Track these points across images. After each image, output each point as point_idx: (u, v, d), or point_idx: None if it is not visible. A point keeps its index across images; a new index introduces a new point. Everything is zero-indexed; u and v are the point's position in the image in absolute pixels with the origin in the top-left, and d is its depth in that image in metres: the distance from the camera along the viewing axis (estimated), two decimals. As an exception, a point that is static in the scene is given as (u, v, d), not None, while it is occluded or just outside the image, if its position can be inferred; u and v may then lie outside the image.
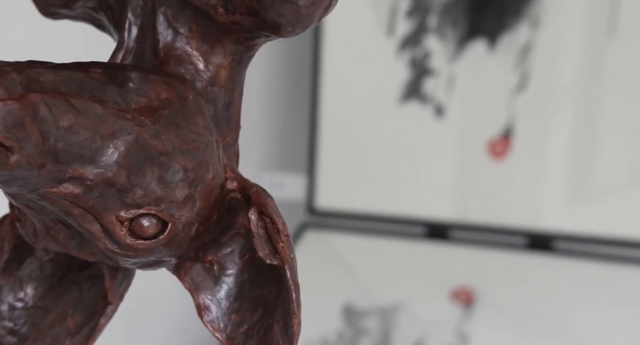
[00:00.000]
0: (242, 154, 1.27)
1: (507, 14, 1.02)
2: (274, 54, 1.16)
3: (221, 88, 0.34)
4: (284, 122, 1.18)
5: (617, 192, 0.99)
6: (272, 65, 1.17)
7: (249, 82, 1.17)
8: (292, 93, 1.17)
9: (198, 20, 0.33)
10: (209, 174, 0.32)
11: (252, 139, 1.18)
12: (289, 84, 1.17)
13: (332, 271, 1.09)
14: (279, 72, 1.17)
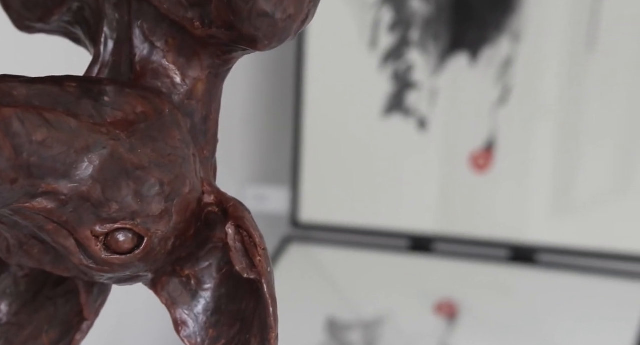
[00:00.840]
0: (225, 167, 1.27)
1: (488, 27, 1.03)
2: (257, 68, 1.16)
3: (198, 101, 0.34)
4: (268, 135, 1.18)
5: (600, 204, 1.00)
6: (255, 79, 1.17)
7: (233, 95, 1.17)
8: (275, 106, 1.17)
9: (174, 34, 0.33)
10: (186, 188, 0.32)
11: (236, 152, 1.17)
12: (272, 97, 1.17)
13: (316, 284, 1.09)
14: (262, 86, 1.17)
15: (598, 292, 0.99)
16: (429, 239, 1.06)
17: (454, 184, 1.05)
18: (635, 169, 0.98)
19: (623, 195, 0.99)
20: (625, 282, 0.99)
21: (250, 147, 1.18)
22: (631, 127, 0.98)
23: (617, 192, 0.99)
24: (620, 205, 0.99)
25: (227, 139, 1.17)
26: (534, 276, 1.01)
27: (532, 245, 1.02)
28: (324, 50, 1.08)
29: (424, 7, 1.05)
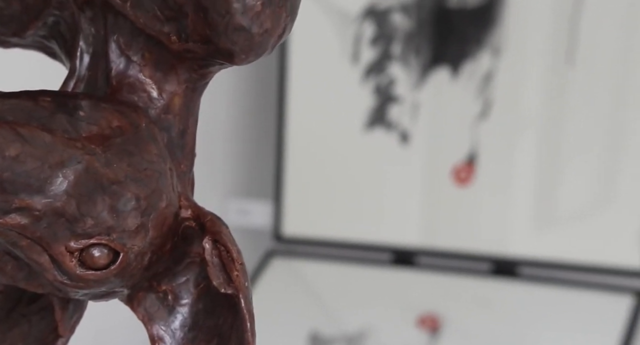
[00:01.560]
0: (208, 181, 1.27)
1: (469, 42, 1.03)
2: (239, 82, 1.16)
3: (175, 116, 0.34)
4: (250, 149, 1.18)
5: (581, 218, 1.00)
6: (237, 93, 1.17)
7: (215, 109, 1.17)
8: (258, 120, 1.17)
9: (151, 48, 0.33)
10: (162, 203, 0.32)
11: (218, 166, 1.17)
12: (255, 112, 1.17)
13: (299, 298, 1.08)
14: (244, 100, 1.17)
15: (580, 305, 0.99)
16: (412, 253, 1.06)
17: (436, 198, 1.05)
18: (616, 183, 0.99)
19: (604, 208, 0.99)
20: (607, 295, 0.99)
21: (232, 161, 1.18)
22: (612, 141, 0.99)
23: (598, 205, 0.99)
24: (602, 219, 0.99)
25: (210, 153, 1.17)
26: (516, 289, 1.02)
27: (514, 258, 1.02)
28: (306, 64, 1.09)
29: (405, 22, 1.06)
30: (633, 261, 0.97)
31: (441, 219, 1.05)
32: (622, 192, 0.98)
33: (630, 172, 0.98)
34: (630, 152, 0.98)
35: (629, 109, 0.98)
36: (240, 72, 1.15)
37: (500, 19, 1.02)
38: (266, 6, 0.32)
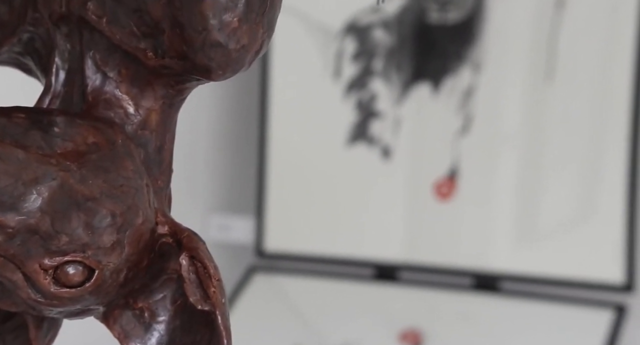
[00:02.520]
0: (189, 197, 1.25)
1: (449, 58, 1.04)
2: (221, 97, 1.16)
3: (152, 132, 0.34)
4: (232, 164, 1.18)
5: (562, 233, 1.01)
6: (219, 109, 1.17)
7: (197, 125, 1.17)
8: (239, 136, 1.17)
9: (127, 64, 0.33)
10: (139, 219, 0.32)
11: (200, 181, 1.17)
12: (237, 127, 1.17)
13: (281, 314, 1.08)
14: (226, 115, 1.17)
15: (561, 319, 0.99)
16: (394, 268, 1.06)
17: (418, 213, 1.05)
18: (597, 198, 1.00)
19: (585, 223, 1.00)
20: (588, 309, 0.99)
21: (214, 176, 1.17)
22: (592, 155, 1.00)
23: (578, 220, 1.00)
24: (582, 234, 1.00)
25: (191, 168, 1.17)
26: (498, 304, 1.02)
27: (495, 273, 1.02)
28: (288, 80, 1.09)
29: (386, 38, 1.06)
30: (613, 276, 0.98)
31: (423, 234, 1.05)
32: (602, 206, 0.99)
33: (609, 187, 0.99)
34: (609, 167, 0.99)
35: (608, 124, 0.99)
36: (222, 87, 1.15)
37: (480, 35, 1.03)
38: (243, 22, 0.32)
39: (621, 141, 0.98)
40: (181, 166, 1.27)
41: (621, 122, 0.98)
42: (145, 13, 0.32)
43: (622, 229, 0.97)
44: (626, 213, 0.97)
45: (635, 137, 0.97)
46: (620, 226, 0.97)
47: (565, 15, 0.99)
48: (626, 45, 0.97)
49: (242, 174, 1.16)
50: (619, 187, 0.98)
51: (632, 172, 0.97)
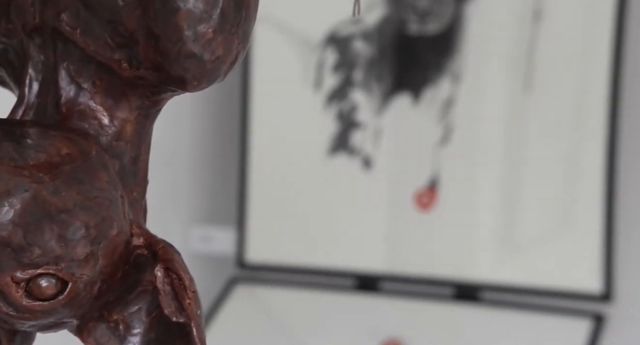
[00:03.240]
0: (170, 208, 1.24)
1: (429, 69, 1.05)
2: (202, 108, 1.16)
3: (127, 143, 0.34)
4: (213, 175, 1.18)
5: (542, 243, 1.01)
6: (200, 120, 1.16)
7: (178, 135, 1.16)
8: (220, 147, 1.17)
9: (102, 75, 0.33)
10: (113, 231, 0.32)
11: (181, 192, 1.16)
12: (218, 138, 1.17)
13: (263, 325, 1.07)
14: (207, 126, 1.17)
15: (541, 329, 0.99)
16: (375, 278, 1.06)
17: (399, 223, 1.06)
18: (575, 208, 1.00)
19: (565, 233, 1.00)
20: (568, 319, 1.00)
21: (195, 187, 1.17)
22: (570, 166, 1.01)
23: (559, 230, 1.00)
24: (563, 244, 1.00)
25: (172, 180, 1.16)
26: (479, 314, 1.02)
27: (476, 283, 1.03)
28: (269, 90, 1.09)
29: (366, 49, 1.07)
30: (592, 286, 0.98)
31: (404, 244, 1.06)
32: (580, 217, 1.00)
33: (587, 198, 0.99)
34: (587, 177, 0.99)
35: (585, 134, 1.00)
36: (203, 98, 1.15)
37: (460, 46, 1.03)
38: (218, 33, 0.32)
39: (598, 152, 0.98)
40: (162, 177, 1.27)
41: (598, 132, 0.99)
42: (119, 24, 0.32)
43: (600, 240, 0.98)
44: (604, 223, 0.98)
45: (612, 147, 0.98)
46: (598, 236, 0.98)
47: (542, 26, 1.00)
48: (603, 55, 0.98)
49: (223, 185, 1.16)
50: (597, 198, 0.99)
51: (609, 182, 0.98)
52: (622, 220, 1.01)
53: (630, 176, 1.02)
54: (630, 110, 1.01)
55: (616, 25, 0.97)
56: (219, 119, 1.17)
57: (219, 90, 1.14)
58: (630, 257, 1.01)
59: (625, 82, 1.00)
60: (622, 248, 1.01)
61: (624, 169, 1.01)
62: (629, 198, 1.02)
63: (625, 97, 1.01)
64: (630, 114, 1.01)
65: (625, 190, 1.02)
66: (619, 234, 1.00)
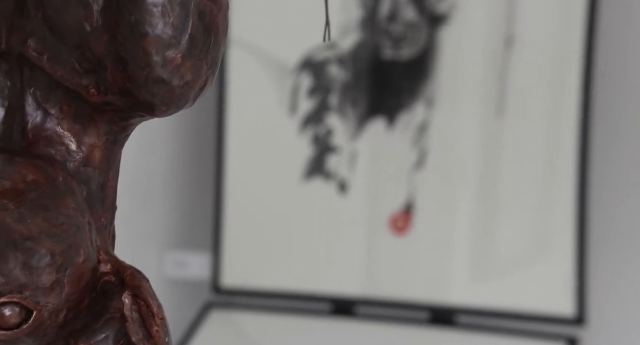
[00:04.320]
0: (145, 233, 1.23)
1: (404, 94, 1.05)
2: (177, 133, 1.16)
3: (95, 169, 0.33)
4: (189, 200, 1.17)
5: (517, 267, 1.02)
6: (176, 144, 1.16)
7: (152, 159, 1.16)
8: (196, 171, 1.16)
9: (70, 101, 0.32)
10: (80, 258, 0.31)
11: (156, 217, 1.16)
12: (193, 162, 1.17)
13: (238, 352, 1.06)
14: (182, 151, 1.16)
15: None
16: (351, 302, 1.06)
17: (375, 247, 1.06)
18: (550, 232, 1.01)
19: (539, 257, 1.01)
20: (543, 342, 1.00)
21: (170, 212, 1.16)
22: (544, 191, 1.01)
23: (533, 254, 1.01)
24: (537, 268, 1.01)
25: (147, 204, 1.16)
26: (454, 337, 1.02)
27: (451, 307, 1.03)
28: (244, 115, 1.09)
29: (342, 74, 1.07)
30: (566, 309, 0.99)
31: (380, 268, 1.05)
32: (555, 241, 1.00)
33: (560, 222, 1.00)
34: (560, 202, 1.00)
35: (559, 159, 1.01)
36: (178, 123, 1.14)
37: (434, 71, 1.04)
38: (187, 59, 0.32)
39: (570, 177, 0.99)
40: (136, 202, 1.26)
41: (570, 157, 0.99)
42: (87, 50, 0.31)
43: (573, 264, 0.99)
44: (576, 248, 0.99)
45: (583, 172, 0.99)
46: (572, 261, 0.99)
47: (514, 52, 1.02)
48: (573, 81, 0.99)
49: (199, 210, 1.16)
50: (570, 223, 0.99)
51: (582, 207, 0.99)
52: (594, 244, 1.02)
53: (602, 201, 1.03)
54: (601, 135, 1.02)
55: (586, 51, 0.98)
56: (194, 144, 1.16)
57: (195, 114, 1.14)
58: (603, 281, 1.02)
59: (596, 107, 1.02)
60: (595, 272, 1.02)
61: (596, 194, 1.02)
62: (600, 223, 1.03)
63: (596, 122, 1.02)
64: (602, 139, 1.02)
65: (597, 215, 1.02)
66: (591, 258, 1.01)
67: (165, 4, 0.31)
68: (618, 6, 1.02)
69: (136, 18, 0.31)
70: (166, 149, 1.15)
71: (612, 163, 1.03)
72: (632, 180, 1.03)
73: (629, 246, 1.03)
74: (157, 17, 0.31)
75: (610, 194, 1.03)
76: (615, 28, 1.02)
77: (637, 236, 1.03)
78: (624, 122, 1.03)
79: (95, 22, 0.31)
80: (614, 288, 1.03)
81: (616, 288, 1.03)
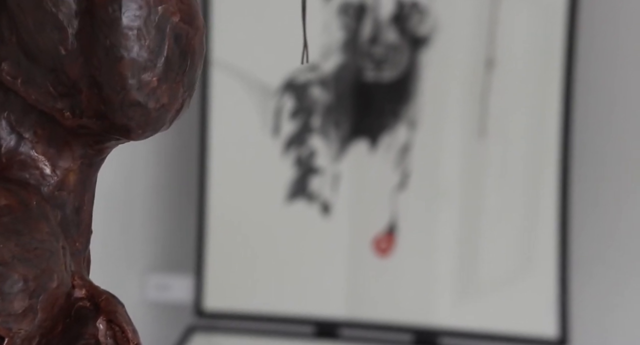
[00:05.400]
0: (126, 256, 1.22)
1: (386, 115, 1.06)
2: (159, 154, 1.15)
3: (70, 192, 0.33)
4: (170, 222, 1.16)
5: (500, 288, 1.01)
6: (158, 166, 1.16)
7: (134, 181, 1.15)
8: (178, 193, 1.16)
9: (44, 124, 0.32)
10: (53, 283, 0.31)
11: (137, 240, 1.15)
12: (175, 184, 1.16)
13: (221, 376, 1.05)
14: (164, 172, 1.16)
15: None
16: (335, 325, 1.05)
17: (358, 268, 1.05)
18: (532, 253, 1.01)
19: (522, 278, 1.01)
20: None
21: (152, 234, 1.16)
22: (527, 211, 1.02)
23: (517, 275, 1.01)
24: (519, 289, 1.01)
25: (128, 227, 1.15)
26: (438, 360, 1.01)
27: (435, 329, 1.02)
28: (227, 137, 1.09)
29: (324, 96, 1.08)
30: (549, 330, 0.99)
31: (363, 290, 1.05)
32: (537, 262, 1.00)
33: (543, 243, 1.00)
34: (542, 222, 1.00)
35: (541, 179, 1.01)
36: (160, 144, 1.14)
37: (415, 93, 1.05)
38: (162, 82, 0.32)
39: (552, 197, 1.00)
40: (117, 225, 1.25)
41: (552, 178, 1.00)
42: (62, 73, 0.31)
43: (556, 285, 0.99)
44: (559, 269, 0.99)
45: (564, 193, 0.99)
46: (554, 282, 0.99)
47: (495, 74, 1.02)
48: (553, 101, 1.00)
49: (181, 232, 1.15)
50: (552, 243, 0.99)
51: (563, 228, 0.99)
52: (577, 265, 1.02)
53: (584, 221, 1.03)
54: (581, 155, 1.03)
55: (565, 72, 0.99)
56: (176, 166, 1.16)
57: (177, 136, 1.14)
58: (585, 302, 1.02)
59: (576, 127, 1.02)
60: (577, 293, 1.02)
61: (578, 214, 1.03)
62: (582, 243, 1.03)
63: (577, 141, 1.03)
64: (582, 159, 1.03)
65: (579, 235, 1.03)
66: (573, 279, 1.01)
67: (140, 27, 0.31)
68: (597, 28, 1.03)
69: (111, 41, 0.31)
70: (148, 170, 1.15)
71: (593, 183, 1.03)
72: (613, 199, 1.03)
73: (611, 267, 1.03)
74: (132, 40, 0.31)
75: (592, 214, 1.03)
76: (593, 50, 1.03)
77: (618, 256, 1.03)
78: (604, 141, 1.03)
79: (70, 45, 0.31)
80: (596, 309, 1.03)
81: (598, 309, 1.03)
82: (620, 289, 1.02)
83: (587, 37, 1.02)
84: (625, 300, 1.03)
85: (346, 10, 1.06)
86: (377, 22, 1.05)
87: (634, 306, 1.02)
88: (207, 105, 1.08)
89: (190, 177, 1.13)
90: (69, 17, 0.31)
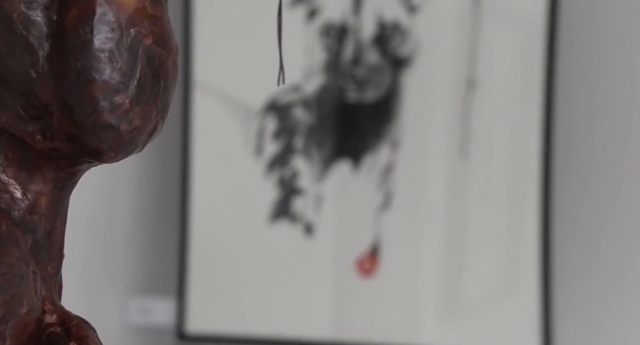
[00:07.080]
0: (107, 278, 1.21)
1: (368, 136, 1.06)
2: (140, 175, 1.15)
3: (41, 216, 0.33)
4: (152, 244, 1.15)
5: (486, 307, 1.01)
6: (139, 187, 1.15)
7: (115, 203, 1.14)
8: (160, 214, 1.15)
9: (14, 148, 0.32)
10: (23, 309, 0.30)
11: (118, 262, 1.14)
12: (157, 206, 1.15)
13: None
14: (146, 194, 1.15)
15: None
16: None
17: (342, 289, 1.05)
18: (515, 273, 1.01)
19: (507, 298, 1.01)
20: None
21: (133, 256, 1.15)
22: (511, 230, 1.02)
23: (501, 294, 1.01)
24: (504, 308, 1.01)
25: (109, 249, 1.14)
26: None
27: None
28: (209, 158, 1.08)
29: (306, 116, 1.08)
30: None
31: (348, 311, 1.04)
32: (521, 281, 1.00)
33: (526, 262, 1.00)
34: (525, 242, 1.00)
35: (523, 199, 1.01)
36: (141, 165, 1.14)
37: (397, 114, 1.05)
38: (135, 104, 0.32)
39: (534, 216, 1.00)
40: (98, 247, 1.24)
41: (533, 198, 1.00)
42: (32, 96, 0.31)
43: (539, 303, 0.99)
44: (542, 288, 0.99)
45: (546, 213, 1.00)
46: (537, 300, 0.99)
47: (476, 94, 1.03)
48: (534, 122, 1.00)
49: (162, 254, 1.14)
50: (535, 262, 1.00)
51: (545, 247, 1.00)
52: (559, 285, 1.02)
53: (566, 241, 1.03)
54: (563, 175, 1.03)
55: (546, 92, 1.00)
56: (158, 187, 1.15)
57: (159, 157, 1.14)
58: (568, 321, 1.02)
59: (557, 147, 1.03)
60: (560, 312, 1.02)
61: (560, 234, 1.03)
62: (565, 262, 1.03)
63: (558, 162, 1.03)
64: (564, 179, 1.03)
65: (562, 254, 1.03)
66: (556, 298, 1.01)
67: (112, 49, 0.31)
68: (577, 49, 1.04)
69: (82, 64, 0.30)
70: (130, 192, 1.14)
71: (575, 202, 1.04)
72: (596, 219, 1.03)
73: (594, 286, 1.03)
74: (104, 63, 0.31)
75: (575, 234, 1.03)
76: (574, 70, 1.04)
77: (602, 276, 1.03)
78: (585, 161, 1.04)
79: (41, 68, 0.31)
80: (580, 328, 1.03)
81: (581, 328, 1.03)
82: (603, 309, 1.03)
83: (567, 57, 1.03)
84: (609, 320, 1.03)
85: (328, 31, 1.06)
86: (359, 43, 1.05)
87: (617, 326, 1.02)
88: (189, 127, 1.08)
89: (172, 199, 1.13)
90: (39, 40, 0.31)
